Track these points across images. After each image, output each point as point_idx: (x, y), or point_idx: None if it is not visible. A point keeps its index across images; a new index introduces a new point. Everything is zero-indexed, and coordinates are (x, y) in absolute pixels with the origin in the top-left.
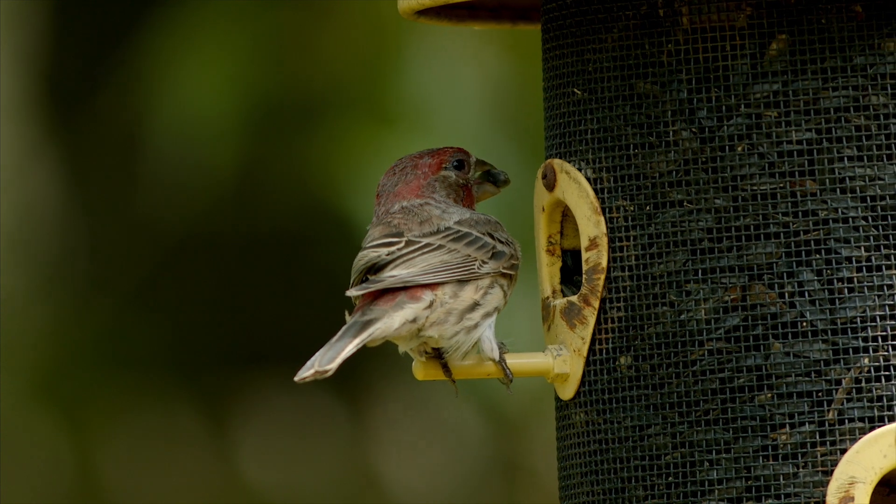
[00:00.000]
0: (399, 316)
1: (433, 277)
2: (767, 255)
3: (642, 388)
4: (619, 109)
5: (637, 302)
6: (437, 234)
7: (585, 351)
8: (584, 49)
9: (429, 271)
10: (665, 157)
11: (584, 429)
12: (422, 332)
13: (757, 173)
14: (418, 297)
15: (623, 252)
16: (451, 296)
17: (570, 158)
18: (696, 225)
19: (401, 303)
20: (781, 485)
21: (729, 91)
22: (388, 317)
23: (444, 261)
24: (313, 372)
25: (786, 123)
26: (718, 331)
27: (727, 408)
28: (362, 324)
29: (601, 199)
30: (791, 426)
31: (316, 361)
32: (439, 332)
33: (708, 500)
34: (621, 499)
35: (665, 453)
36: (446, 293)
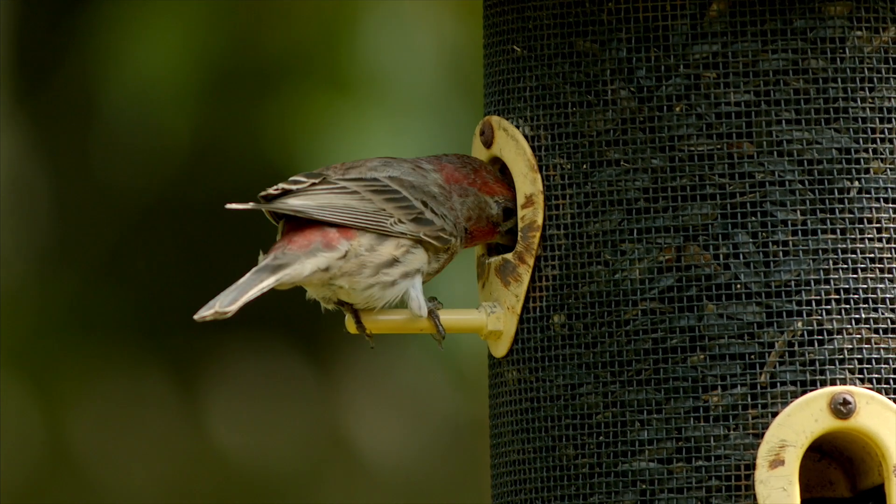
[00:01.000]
0: (311, 263)
1: (330, 215)
2: (703, 217)
3: (575, 347)
4: (558, 67)
5: (572, 260)
6: (358, 181)
7: (519, 309)
8: (525, 6)
9: (326, 208)
10: (603, 116)
11: (516, 387)
12: (332, 281)
13: (694, 134)
14: (333, 246)
15: (559, 210)
16: (368, 248)
17: (508, 115)
18: (633, 185)
19: (315, 249)
20: (712, 446)
21: (668, 51)
22: (299, 262)
23: (349, 205)
24: (213, 312)
25: (724, 85)
26: (652, 291)
27: (659, 368)
28: (273, 268)
29: (538, 157)
30: (723, 388)
31: (217, 302)
32: (350, 283)
33: (638, 460)
34: (552, 457)
35: (596, 412)
36: (362, 245)
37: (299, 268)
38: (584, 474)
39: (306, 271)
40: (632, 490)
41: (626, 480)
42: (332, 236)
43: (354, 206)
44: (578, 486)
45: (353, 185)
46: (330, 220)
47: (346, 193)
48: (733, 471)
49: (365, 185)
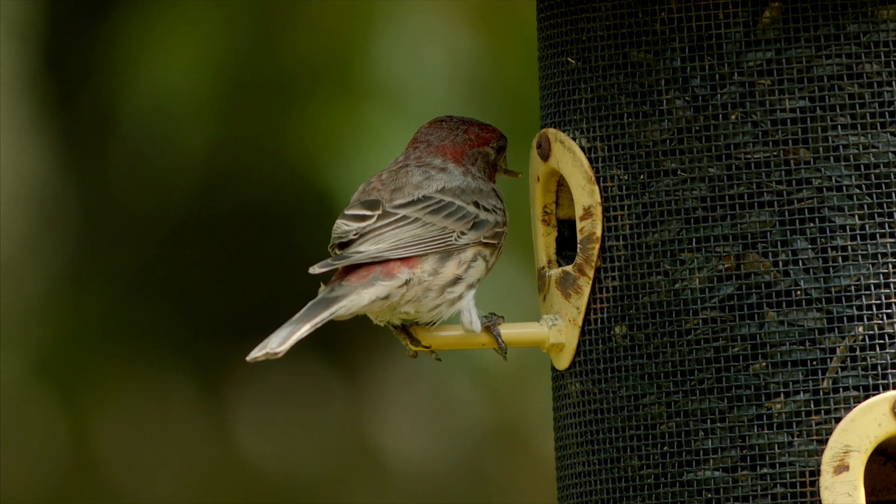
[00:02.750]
0: (369, 293)
1: (403, 252)
2: (761, 224)
3: (637, 358)
4: (613, 78)
5: (631, 271)
6: (415, 204)
7: (580, 321)
8: (578, 18)
9: (399, 246)
10: (659, 126)
11: (580, 399)
12: (397, 308)
13: (750, 142)
14: (393, 275)
15: (617, 221)
16: (431, 273)
17: (564, 128)
18: (690, 194)
19: (374, 279)
20: (776, 454)
21: (722, 59)
22: (356, 294)
23: (417, 235)
24: (265, 353)
25: (779, 92)
26: (713, 300)
27: (722, 377)
28: (328, 301)
29: (595, 169)
30: (786, 395)
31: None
32: (416, 308)
33: (703, 469)
34: (617, 468)
35: (660, 423)
36: (426, 270)
37: (356, 299)
38: (650, 485)
39: (364, 301)
40: (697, 499)
41: (692, 490)
42: (393, 266)
43: (420, 235)
44: (644, 496)
45: (411, 211)
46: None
47: (408, 224)
48: (798, 477)
49: (421, 208)
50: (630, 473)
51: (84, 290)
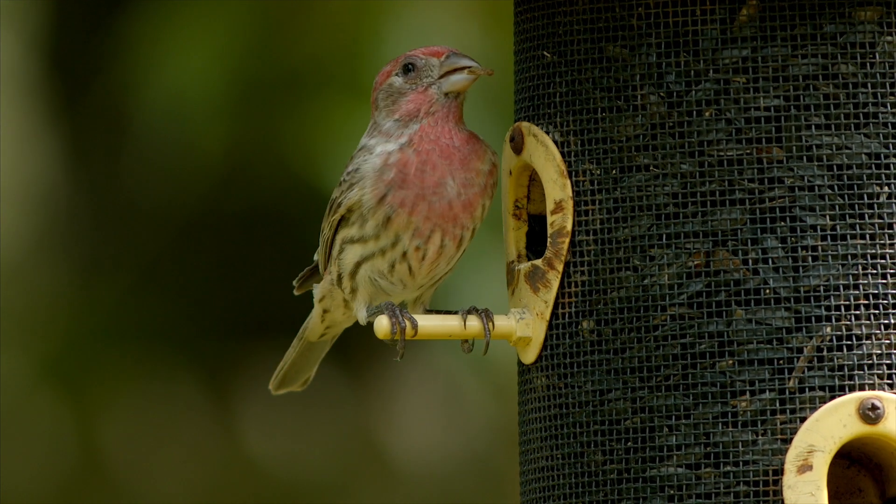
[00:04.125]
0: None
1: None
2: (732, 222)
3: (604, 353)
4: (588, 73)
5: (601, 266)
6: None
7: (548, 315)
8: (555, 12)
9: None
10: (632, 122)
11: (545, 393)
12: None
13: (724, 139)
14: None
15: (588, 216)
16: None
17: (538, 121)
18: (662, 190)
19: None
20: (740, 451)
21: (698, 56)
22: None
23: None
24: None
25: (754, 90)
26: (681, 296)
27: (688, 373)
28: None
29: (568, 163)
30: (751, 393)
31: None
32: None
33: (667, 465)
34: (580, 463)
35: (625, 418)
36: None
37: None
38: (613, 480)
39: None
40: (660, 496)
41: (655, 486)
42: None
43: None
44: (607, 491)
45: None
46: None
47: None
48: (761, 476)
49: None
50: (593, 468)
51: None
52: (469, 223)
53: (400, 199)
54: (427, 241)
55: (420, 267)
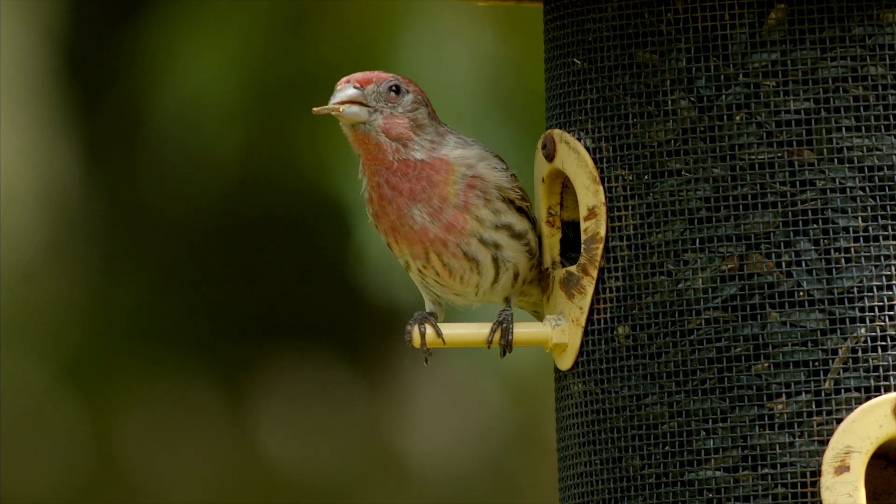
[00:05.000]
0: None
1: None
2: (765, 225)
3: (640, 358)
4: (619, 79)
5: (635, 271)
6: None
7: (584, 321)
8: (585, 19)
9: None
10: (663, 127)
11: (582, 399)
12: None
13: (755, 143)
14: None
15: (621, 221)
16: None
17: (569, 128)
18: (695, 194)
19: None
20: (777, 454)
21: (727, 60)
22: None
23: None
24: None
25: (784, 93)
26: (716, 300)
27: (724, 377)
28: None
29: (600, 169)
30: (787, 396)
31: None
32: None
33: (704, 469)
34: (618, 468)
35: (662, 422)
36: None
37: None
38: (651, 484)
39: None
40: (698, 499)
41: (693, 490)
42: None
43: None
44: (646, 496)
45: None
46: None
47: None
48: (799, 478)
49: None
50: (632, 473)
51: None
52: (465, 238)
53: (384, 229)
54: (427, 261)
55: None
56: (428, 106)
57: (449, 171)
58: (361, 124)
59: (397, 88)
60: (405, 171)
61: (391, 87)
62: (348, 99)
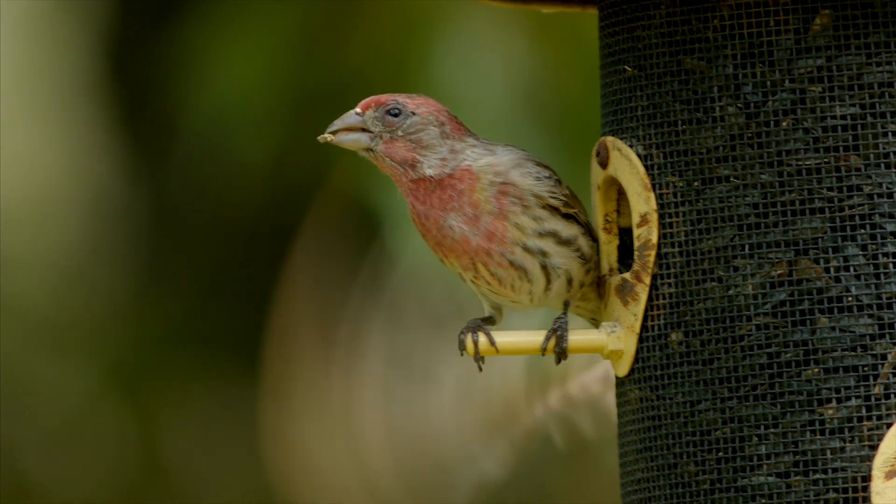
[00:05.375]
0: None
1: None
2: (813, 230)
3: (693, 364)
4: (668, 86)
5: (687, 278)
6: None
7: (638, 327)
8: (635, 26)
9: None
10: (712, 133)
11: (639, 405)
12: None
13: (802, 148)
14: None
15: (673, 228)
16: None
17: (621, 135)
18: (743, 200)
19: None
20: (828, 459)
21: (773, 66)
22: None
23: None
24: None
25: (830, 99)
26: (765, 306)
27: (774, 382)
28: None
29: (651, 176)
30: (837, 401)
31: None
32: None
33: (757, 474)
34: (674, 474)
35: (715, 428)
36: None
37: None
38: (706, 490)
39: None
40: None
41: (746, 495)
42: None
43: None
44: (701, 502)
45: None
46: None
47: None
48: (850, 483)
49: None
50: (686, 479)
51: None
52: (508, 246)
53: (432, 246)
54: (476, 272)
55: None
56: (445, 124)
57: (474, 179)
58: (366, 150)
59: (397, 112)
60: (426, 187)
61: (388, 111)
62: (347, 126)
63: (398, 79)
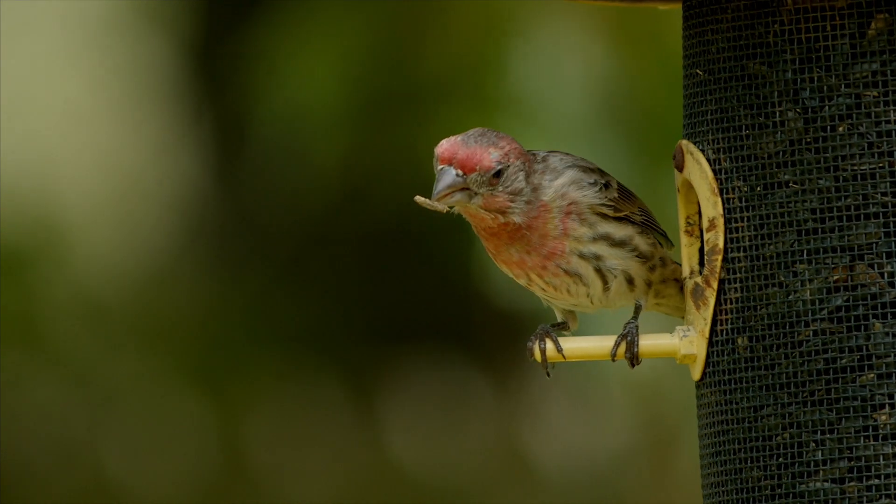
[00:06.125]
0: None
1: None
2: (867, 236)
3: (757, 370)
4: (734, 90)
5: (751, 283)
6: None
7: (708, 332)
8: (705, 30)
9: None
10: (773, 138)
11: (711, 409)
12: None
13: (857, 153)
14: None
15: (738, 233)
16: None
17: (695, 139)
18: (803, 206)
19: None
20: (881, 465)
21: (830, 71)
22: None
23: None
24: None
25: (885, 103)
26: (823, 311)
27: (831, 388)
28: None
29: (719, 180)
30: (891, 406)
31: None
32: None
33: (814, 480)
34: (739, 479)
35: (776, 434)
36: None
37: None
38: (767, 496)
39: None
40: None
41: (804, 501)
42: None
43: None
44: None
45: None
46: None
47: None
48: None
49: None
50: (751, 484)
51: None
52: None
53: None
54: (529, 280)
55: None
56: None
57: (547, 212)
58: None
59: (500, 173)
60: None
61: (496, 174)
62: (450, 189)
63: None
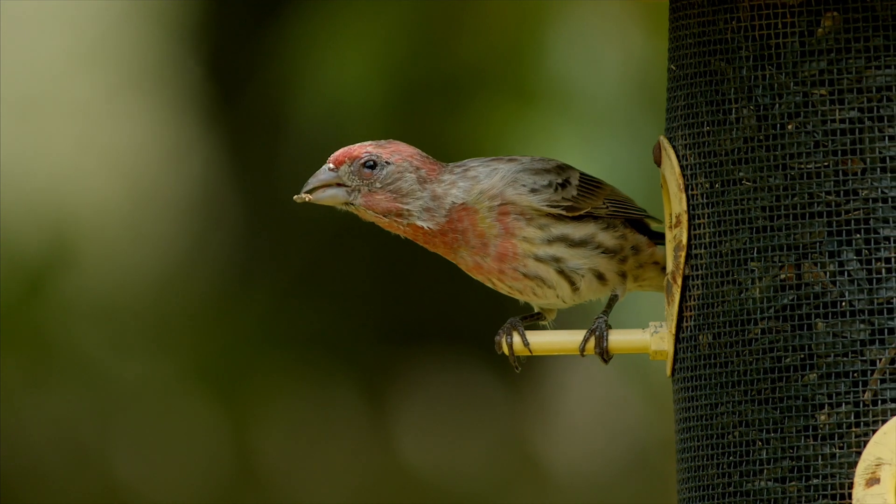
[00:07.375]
0: None
1: None
2: (813, 235)
3: (714, 367)
4: (698, 86)
5: (710, 280)
6: None
7: (674, 328)
8: (679, 24)
9: None
10: (730, 135)
11: (680, 406)
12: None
13: (805, 152)
14: None
15: (700, 230)
16: None
17: (669, 135)
18: (755, 203)
19: None
20: (820, 465)
21: (781, 69)
22: None
23: None
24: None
25: (832, 102)
26: (771, 309)
27: (776, 387)
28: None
29: (685, 177)
30: (830, 406)
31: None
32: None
33: (759, 479)
34: (699, 476)
35: (728, 432)
36: None
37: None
38: (719, 494)
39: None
40: None
41: (749, 500)
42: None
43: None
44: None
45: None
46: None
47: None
48: (838, 489)
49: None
50: (706, 482)
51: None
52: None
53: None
54: (493, 284)
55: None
56: (420, 168)
57: (473, 213)
58: (345, 205)
59: (372, 164)
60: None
61: (365, 164)
62: (322, 183)
63: (512, 67)
